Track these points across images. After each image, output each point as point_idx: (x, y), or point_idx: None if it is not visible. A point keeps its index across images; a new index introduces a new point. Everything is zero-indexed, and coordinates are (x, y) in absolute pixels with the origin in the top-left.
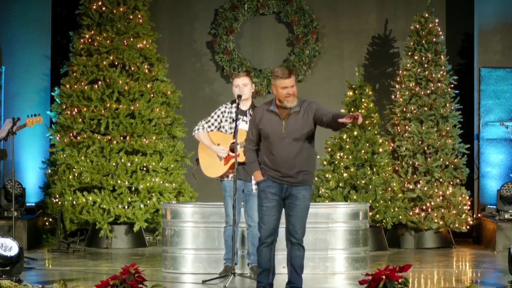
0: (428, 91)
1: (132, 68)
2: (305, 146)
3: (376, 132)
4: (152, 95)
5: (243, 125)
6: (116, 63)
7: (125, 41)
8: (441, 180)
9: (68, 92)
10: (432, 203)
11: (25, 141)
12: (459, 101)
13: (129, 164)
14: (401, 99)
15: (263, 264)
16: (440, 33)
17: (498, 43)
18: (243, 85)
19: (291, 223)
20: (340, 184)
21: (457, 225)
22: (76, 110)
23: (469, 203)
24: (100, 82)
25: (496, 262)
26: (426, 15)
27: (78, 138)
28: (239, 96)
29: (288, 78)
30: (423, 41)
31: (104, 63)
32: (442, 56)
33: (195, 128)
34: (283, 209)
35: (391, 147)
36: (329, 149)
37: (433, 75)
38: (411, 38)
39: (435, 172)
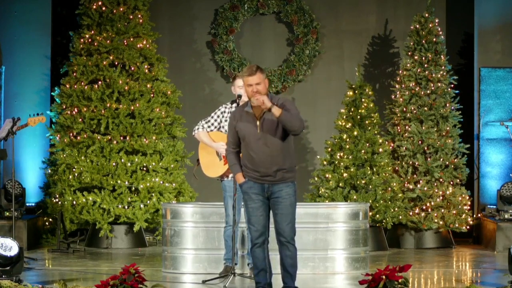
0: (428, 91)
1: (132, 68)
2: (282, 144)
3: (376, 132)
4: (152, 95)
5: None
6: (116, 63)
7: (125, 41)
8: (441, 180)
9: (68, 92)
10: (432, 203)
11: (25, 141)
12: (459, 101)
13: (129, 164)
14: (401, 99)
15: (258, 264)
16: (440, 33)
17: (498, 43)
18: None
19: (277, 221)
20: (340, 184)
21: (457, 225)
22: (76, 110)
23: (469, 203)
24: (100, 82)
25: (496, 262)
26: (426, 15)
27: (78, 138)
28: (239, 96)
29: (251, 75)
30: (423, 41)
31: (104, 63)
32: (442, 56)
33: (195, 128)
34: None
35: (391, 147)
36: (329, 149)
37: (433, 75)
38: (411, 38)
39: (435, 172)
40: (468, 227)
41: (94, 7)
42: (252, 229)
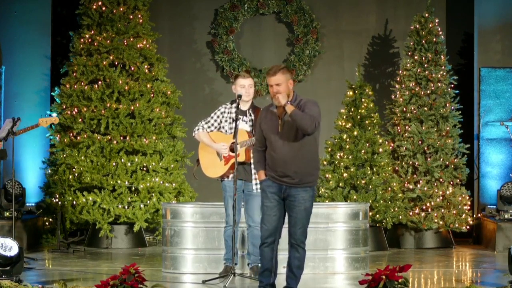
0: (428, 91)
1: (132, 68)
2: (304, 146)
3: (376, 132)
4: (152, 95)
5: (243, 125)
6: (116, 63)
7: (125, 41)
8: (441, 180)
9: (68, 92)
10: (432, 203)
11: (25, 141)
12: (459, 101)
13: (129, 164)
14: (401, 99)
15: (265, 264)
16: (440, 33)
17: (498, 43)
18: (249, 86)
19: (291, 224)
20: (340, 184)
21: (457, 225)
22: (76, 110)
23: (469, 203)
24: (100, 82)
25: (496, 262)
26: (426, 15)
27: (78, 138)
28: (239, 96)
29: (271, 75)
30: (423, 41)
31: (104, 63)
32: (442, 56)
33: (195, 129)
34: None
35: (391, 147)
36: (329, 149)
37: (433, 75)
38: (411, 38)
39: (435, 172)
40: (468, 227)
41: (94, 7)
42: (263, 227)
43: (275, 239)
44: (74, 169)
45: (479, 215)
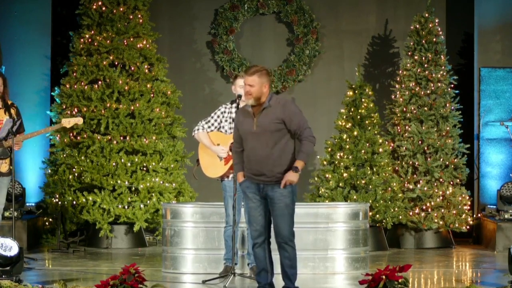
0: (428, 91)
1: (132, 68)
2: (279, 143)
3: (376, 132)
4: (152, 95)
5: None
6: (116, 63)
7: (125, 41)
8: (441, 180)
9: (68, 92)
10: (432, 203)
11: (25, 141)
12: (459, 101)
13: (129, 164)
14: (401, 99)
15: (259, 264)
16: (440, 33)
17: (498, 43)
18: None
19: (275, 223)
20: (340, 184)
21: (457, 225)
22: (76, 110)
23: (469, 203)
24: (100, 82)
25: (496, 262)
26: (426, 15)
27: (78, 138)
28: (239, 96)
29: (248, 75)
30: (423, 41)
31: (104, 63)
32: (442, 56)
33: (195, 129)
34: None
35: (391, 147)
36: (329, 149)
37: (433, 75)
38: (411, 38)
39: (435, 172)
40: (468, 227)
41: (94, 7)
42: (251, 228)
43: (265, 238)
44: (74, 169)
45: (479, 215)
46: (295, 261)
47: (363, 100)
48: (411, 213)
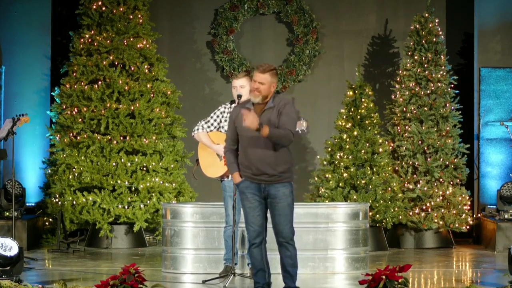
0: (428, 91)
1: (132, 68)
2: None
3: (376, 132)
4: (152, 95)
5: None
6: (116, 63)
7: (125, 41)
8: (441, 180)
9: (68, 92)
10: (432, 203)
11: (25, 141)
12: (459, 101)
13: (129, 164)
14: (401, 99)
15: (257, 264)
16: (440, 33)
17: (498, 43)
18: (240, 87)
19: (276, 223)
20: (340, 184)
21: (457, 225)
22: (76, 110)
23: (469, 203)
24: (100, 82)
25: (496, 262)
26: (426, 15)
27: (78, 138)
28: (239, 96)
29: (260, 72)
30: (423, 41)
31: (104, 63)
32: (442, 56)
33: (195, 129)
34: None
35: (391, 147)
36: (329, 149)
37: (433, 75)
38: (411, 38)
39: (435, 172)
40: (468, 227)
41: (94, 7)
42: (249, 229)
43: (262, 238)
44: (74, 169)
45: (479, 215)
46: (296, 260)
47: (363, 100)
48: (411, 213)
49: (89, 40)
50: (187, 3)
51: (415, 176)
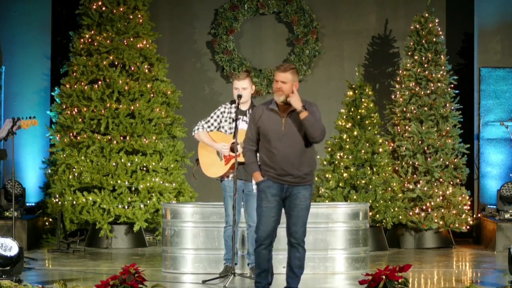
0: (428, 91)
1: (132, 68)
2: (305, 144)
3: (376, 132)
4: (152, 95)
5: (243, 125)
6: (116, 63)
7: (125, 41)
8: (441, 180)
9: (68, 92)
10: (432, 203)
11: (25, 141)
12: (459, 101)
13: (129, 164)
14: (401, 99)
15: (262, 265)
16: (440, 33)
17: (498, 43)
18: (242, 89)
19: (291, 223)
20: (340, 184)
21: (457, 225)
22: (76, 110)
23: (469, 203)
24: (100, 82)
25: (496, 262)
26: (426, 15)
27: (78, 138)
28: (239, 96)
29: (281, 71)
30: (423, 41)
31: (104, 63)
32: (442, 56)
33: (195, 128)
34: (283, 210)
35: (391, 147)
36: (329, 149)
37: (433, 75)
38: (411, 38)
39: (435, 172)
40: (468, 227)
41: (94, 7)
42: (261, 229)
43: (272, 240)
44: (74, 169)
45: (479, 215)
46: (304, 262)
47: (363, 100)
48: (411, 213)
49: (89, 40)
50: (187, 3)
51: (415, 176)
